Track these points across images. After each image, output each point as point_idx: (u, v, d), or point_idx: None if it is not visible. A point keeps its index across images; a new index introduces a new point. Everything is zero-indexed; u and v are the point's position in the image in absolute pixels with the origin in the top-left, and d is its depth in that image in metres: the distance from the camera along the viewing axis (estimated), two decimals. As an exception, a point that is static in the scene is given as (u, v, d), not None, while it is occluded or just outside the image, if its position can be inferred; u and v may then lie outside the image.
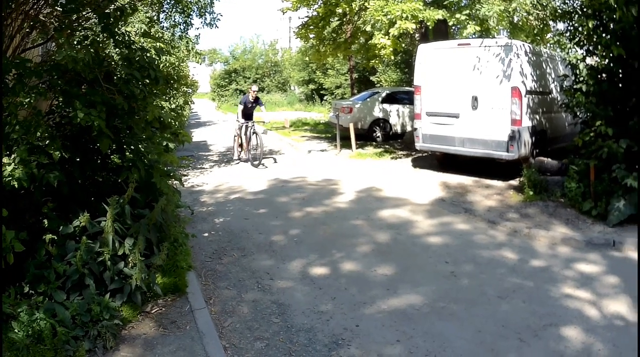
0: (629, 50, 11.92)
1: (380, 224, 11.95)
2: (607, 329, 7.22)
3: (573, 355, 6.55)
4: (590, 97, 12.76)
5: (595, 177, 12.10)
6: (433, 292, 8.30)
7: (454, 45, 16.98)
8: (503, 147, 15.26)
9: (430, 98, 16.99)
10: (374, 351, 6.50)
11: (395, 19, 17.78)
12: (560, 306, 7.89)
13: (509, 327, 7.20)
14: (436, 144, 17.01)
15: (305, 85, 61.09)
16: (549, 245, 10.66)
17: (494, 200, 13.66)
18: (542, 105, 16.43)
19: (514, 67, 15.21)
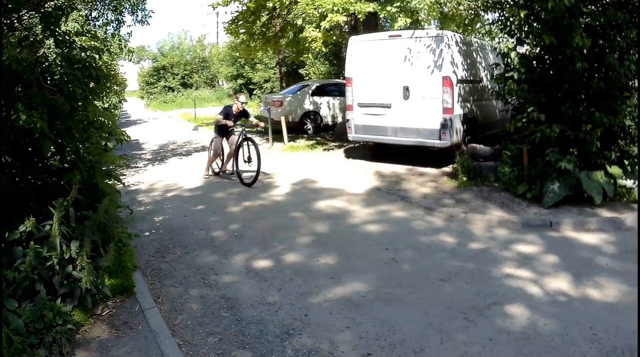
0: (560, 38, 12.22)
1: (318, 215, 12.03)
2: (550, 305, 7.46)
3: (519, 331, 6.76)
4: (522, 85, 13.06)
5: (529, 161, 12.43)
6: (377, 278, 8.42)
7: (385, 37, 17.14)
8: (435, 135, 15.53)
9: (362, 89, 17.14)
10: (325, 339, 6.58)
11: (326, 12, 17.87)
12: (502, 286, 8.11)
13: (455, 308, 7.36)
14: (369, 135, 17.16)
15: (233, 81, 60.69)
16: (486, 228, 10.91)
17: (429, 187, 13.85)
18: (473, 94, 16.76)
19: (444, 57, 15.45)
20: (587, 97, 12.56)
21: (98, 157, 8.49)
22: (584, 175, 11.60)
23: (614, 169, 11.84)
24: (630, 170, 12.04)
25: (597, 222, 10.66)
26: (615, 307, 7.38)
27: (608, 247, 9.78)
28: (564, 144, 12.14)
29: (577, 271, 8.60)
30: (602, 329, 6.75)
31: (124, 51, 20.56)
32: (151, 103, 60.39)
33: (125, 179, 15.59)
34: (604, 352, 6.22)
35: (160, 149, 23.82)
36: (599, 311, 7.29)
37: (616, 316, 7.13)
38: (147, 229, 11.32)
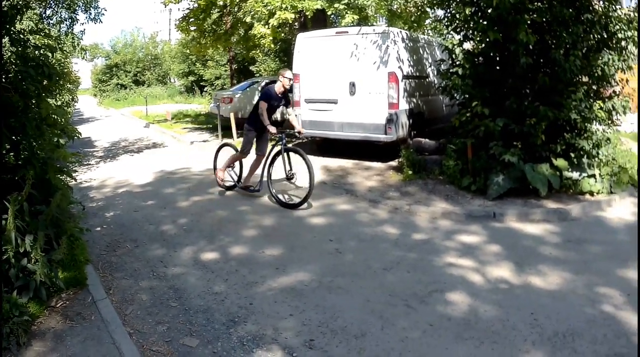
0: (505, 34, 12.36)
1: (266, 208, 12.05)
2: (491, 292, 7.54)
3: (460, 317, 6.82)
4: (467, 80, 13.16)
5: (473, 154, 12.50)
6: (320, 268, 8.47)
7: (332, 33, 17.13)
8: (381, 130, 15.59)
9: (309, 85, 17.16)
10: (270, 326, 6.63)
11: (275, 9, 17.95)
12: (444, 274, 8.18)
13: (396, 296, 7.42)
14: (316, 130, 17.13)
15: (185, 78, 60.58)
16: (430, 219, 10.96)
17: (375, 180, 13.86)
18: (419, 89, 16.87)
19: (390, 53, 15.53)
20: (532, 91, 12.69)
21: (51, 153, 8.40)
22: (528, 167, 11.69)
23: (560, 162, 11.94)
24: (577, 163, 12.18)
25: (541, 213, 10.74)
26: (557, 294, 7.47)
27: (552, 237, 9.88)
28: (509, 137, 12.28)
29: (520, 259, 8.68)
30: (543, 314, 6.83)
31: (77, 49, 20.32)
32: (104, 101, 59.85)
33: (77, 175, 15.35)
34: (545, 336, 6.29)
35: (112, 147, 23.52)
36: (541, 297, 7.37)
37: (558, 302, 7.22)
38: (98, 224, 11.19)
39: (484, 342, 6.22)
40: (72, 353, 6.03)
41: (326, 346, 6.18)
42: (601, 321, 6.69)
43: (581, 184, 11.96)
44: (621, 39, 12.67)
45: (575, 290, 7.59)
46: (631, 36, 12.59)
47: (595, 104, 12.48)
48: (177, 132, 26.82)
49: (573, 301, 7.24)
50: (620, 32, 12.55)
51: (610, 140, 13.14)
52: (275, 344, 6.24)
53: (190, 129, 27.86)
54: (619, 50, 12.83)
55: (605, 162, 12.65)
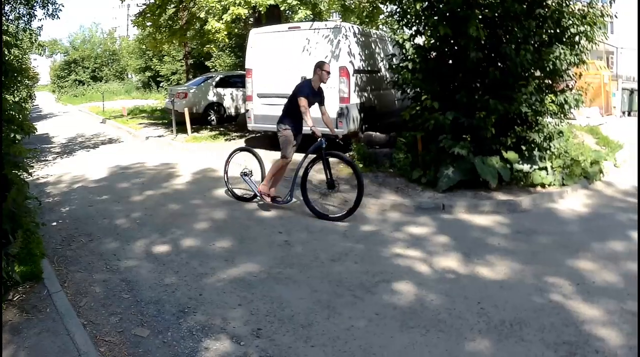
0: (456, 29, 12.38)
1: (217, 202, 12.04)
2: (438, 282, 7.56)
3: (406, 306, 6.82)
4: (417, 74, 13.20)
5: (423, 147, 12.51)
6: (269, 260, 8.49)
7: (285, 28, 17.09)
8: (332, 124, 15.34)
9: (261, 80, 17.05)
10: (218, 315, 6.66)
11: (228, 5, 17.86)
12: (391, 264, 8.19)
13: (343, 286, 7.45)
14: (268, 124, 16.93)
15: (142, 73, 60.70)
16: (379, 211, 10.98)
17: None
18: (370, 83, 16.81)
19: (342, 48, 15.50)
20: (482, 85, 12.75)
21: (7, 149, 8.24)
22: (478, 160, 11.74)
23: (510, 154, 12.00)
24: (528, 156, 12.25)
25: (491, 205, 10.77)
26: (505, 284, 7.50)
27: (501, 228, 9.94)
28: (459, 131, 12.32)
29: (468, 250, 8.73)
30: (490, 304, 6.86)
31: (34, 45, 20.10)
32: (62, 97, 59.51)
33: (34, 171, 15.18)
34: (492, 325, 6.32)
35: (69, 143, 23.29)
36: (489, 287, 7.41)
37: (506, 291, 7.25)
38: (54, 219, 11.07)
39: (430, 330, 6.20)
40: (28, 345, 5.96)
41: (273, 334, 6.20)
42: (549, 310, 6.72)
43: (532, 176, 12.01)
44: (574, 34, 12.75)
45: (524, 280, 7.62)
46: (584, 31, 12.69)
47: (547, 97, 12.55)
48: (133, 127, 26.63)
49: (521, 290, 7.27)
50: (573, 27, 12.63)
51: (562, 133, 13.23)
52: (223, 333, 6.25)
53: (145, 125, 27.69)
54: (571, 44, 12.87)
55: (557, 155, 12.75)
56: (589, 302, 6.95)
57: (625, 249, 8.92)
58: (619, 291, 7.35)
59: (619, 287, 7.46)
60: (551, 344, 5.90)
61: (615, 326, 6.35)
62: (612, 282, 7.63)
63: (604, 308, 6.79)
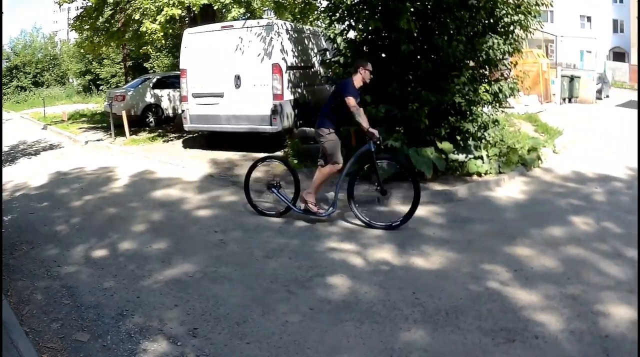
0: (388, 22, 12.36)
1: (154, 204, 11.95)
2: (373, 274, 7.55)
3: (340, 299, 6.80)
4: (349, 69, 13.03)
5: (357, 141, 12.36)
6: (205, 259, 8.48)
7: (218, 28, 17.01)
8: (267, 121, 15.52)
9: (196, 80, 16.98)
10: (156, 317, 6.67)
11: (162, 5, 17.78)
12: (325, 259, 8.18)
13: (278, 282, 7.45)
14: (203, 124, 17.01)
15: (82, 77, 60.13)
16: None
17: (261, 171, 13.57)
18: (304, 79, 16.81)
19: (274, 45, 15.48)
20: (415, 77, 12.80)
21: None
22: (412, 151, 11.76)
23: (445, 145, 12.04)
24: (463, 145, 12.30)
25: (426, 195, 10.71)
26: (440, 273, 7.51)
27: (436, 218, 9.94)
28: (393, 123, 12.36)
29: (403, 241, 8.72)
30: (425, 293, 6.86)
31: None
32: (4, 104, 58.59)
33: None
34: (427, 314, 6.33)
35: (11, 151, 22.93)
36: (424, 277, 7.40)
37: (441, 280, 7.26)
38: (-4, 228, 10.87)
39: (364, 322, 6.18)
40: (-28, 354, 5.87)
41: (209, 333, 6.21)
42: (486, 297, 6.73)
43: (468, 165, 12.04)
44: (508, 24, 12.84)
45: (460, 268, 7.62)
46: (518, 20, 12.78)
47: (481, 87, 12.60)
48: (73, 132, 26.26)
49: (457, 279, 7.27)
50: (507, 17, 12.72)
51: (498, 122, 13.31)
52: (160, 334, 6.25)
53: (85, 129, 27.34)
54: (505, 34, 12.97)
55: (493, 143, 12.85)
56: (528, 288, 6.97)
57: (564, 234, 8.99)
58: (558, 275, 7.39)
59: (558, 272, 7.49)
60: (489, 331, 5.90)
61: (555, 310, 6.37)
62: (551, 268, 7.67)
63: (543, 293, 6.82)
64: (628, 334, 5.86)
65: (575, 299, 6.65)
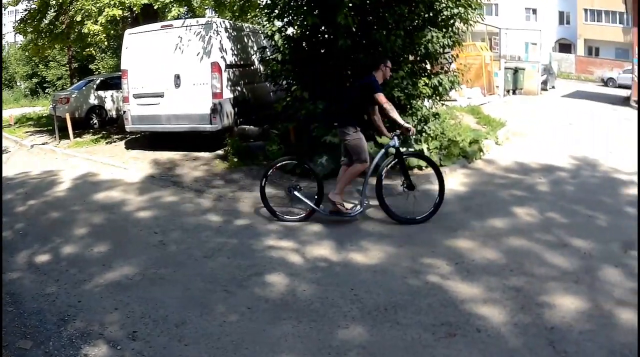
0: (325, 18, 12.37)
1: (96, 206, 11.80)
2: (311, 271, 7.53)
3: (278, 297, 6.79)
4: (287, 65, 13.18)
5: (296, 138, 12.42)
6: (144, 261, 8.42)
7: (158, 27, 16.86)
8: (206, 120, 15.48)
9: (137, 81, 16.82)
10: (96, 321, 6.57)
11: (103, 6, 17.71)
12: (264, 257, 8.16)
13: (216, 282, 7.43)
14: (145, 124, 16.89)
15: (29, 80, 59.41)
16: (253, 205, 10.89)
17: (201, 170, 13.72)
18: (243, 77, 16.77)
19: (213, 44, 15.44)
20: (354, 72, 12.77)
21: None
22: (351, 147, 11.58)
23: (384, 139, 11.91)
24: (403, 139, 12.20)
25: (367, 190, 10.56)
26: (379, 268, 7.49)
27: (376, 213, 9.88)
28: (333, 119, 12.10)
29: (341, 237, 8.73)
30: (364, 289, 6.85)
31: None
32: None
33: None
34: (365, 311, 6.31)
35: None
36: (362, 273, 7.38)
37: (380, 276, 7.25)
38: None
39: (302, 321, 6.14)
40: None
41: (148, 336, 6.15)
42: (426, 292, 6.73)
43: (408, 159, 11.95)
44: (448, 17, 12.86)
45: (399, 263, 7.60)
46: (458, 13, 12.83)
47: (421, 81, 12.62)
48: (20, 136, 25.88)
49: (396, 274, 7.25)
50: (447, 10, 12.75)
51: (439, 115, 13.36)
52: (101, 338, 6.17)
53: (31, 133, 26.94)
54: (445, 27, 13.04)
55: (433, 137, 12.87)
56: (469, 281, 6.97)
57: (506, 226, 9.04)
58: (500, 267, 7.41)
59: (500, 264, 7.52)
60: (429, 326, 5.88)
61: (498, 303, 6.39)
62: (493, 259, 7.69)
63: (485, 286, 6.83)
64: (575, 324, 5.88)
65: (518, 291, 6.67)
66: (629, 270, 7.32)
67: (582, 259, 7.68)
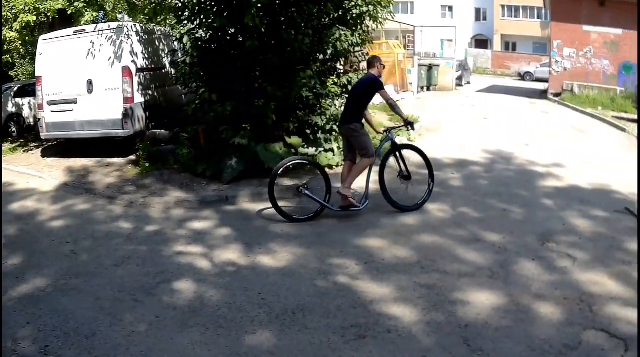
0: (233, 20, 12.40)
1: (10, 217, 11.45)
2: (218, 276, 7.49)
3: (186, 305, 6.71)
4: (196, 68, 13.15)
5: (206, 140, 12.39)
6: (56, 272, 8.19)
7: (71, 33, 16.54)
8: (119, 125, 15.31)
9: (51, 87, 16.49)
10: (9, 337, 6.31)
11: (18, 12, 17.50)
12: (172, 263, 8.06)
13: (125, 291, 7.29)
14: (59, 131, 16.60)
15: (-50, 89, 57.95)
16: (164, 210, 10.82)
17: (114, 177, 13.55)
18: (155, 81, 16.67)
19: (124, 48, 15.30)
20: (262, 73, 12.81)
21: None
22: (260, 148, 11.77)
23: (294, 139, 12.13)
24: (313, 139, 12.38)
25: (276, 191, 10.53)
26: (287, 271, 7.49)
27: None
28: (241, 120, 12.34)
29: (250, 240, 8.72)
30: (272, 293, 6.83)
31: None
32: None
33: None
34: (273, 315, 6.27)
35: None
36: (270, 276, 7.38)
37: (287, 279, 7.24)
38: None
39: (210, 328, 6.10)
40: None
41: (59, 350, 5.97)
42: (335, 293, 6.73)
43: (318, 158, 12.07)
44: (358, 15, 13.01)
45: (307, 264, 7.61)
46: (367, 11, 12.91)
47: (329, 80, 12.67)
48: None
49: (304, 276, 7.26)
50: (356, 8, 12.86)
51: (349, 114, 13.42)
52: (14, 355, 5.96)
53: (-48, 144, 26.49)
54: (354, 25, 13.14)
55: (344, 135, 12.84)
56: (379, 281, 7.00)
57: (418, 222, 9.15)
58: (411, 265, 7.46)
59: (411, 262, 7.57)
60: (338, 328, 5.88)
61: (409, 302, 6.42)
62: (404, 257, 7.73)
63: (396, 285, 6.87)
64: (490, 321, 5.95)
65: (430, 289, 6.73)
66: (547, 263, 7.50)
67: (497, 254, 7.82)
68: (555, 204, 10.46)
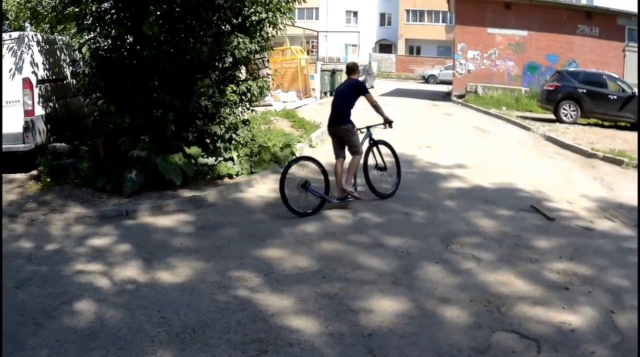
0: (131, 28, 12.33)
1: None
2: (118, 295, 7.33)
3: (86, 327, 6.53)
4: (95, 78, 12.94)
5: (105, 153, 12.26)
6: None
7: None
8: (19, 139, 14.82)
9: None
10: None
11: None
12: (72, 283, 7.85)
13: (26, 315, 7.05)
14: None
15: None
16: (64, 227, 10.55)
17: (15, 193, 13.19)
18: (57, 92, 16.27)
19: (25, 59, 14.86)
20: (160, 83, 12.79)
21: None
22: (160, 159, 11.68)
23: (193, 150, 12.08)
24: (212, 148, 12.41)
25: (175, 204, 10.73)
26: (186, 287, 7.45)
27: (185, 227, 9.92)
28: (139, 132, 12.25)
29: (149, 255, 8.61)
30: (171, 310, 6.76)
31: None
32: None
33: None
34: (173, 334, 6.19)
35: None
36: (169, 292, 7.30)
37: (187, 295, 7.18)
38: None
39: (110, 350, 5.97)
40: None
41: None
42: (235, 307, 6.74)
43: (218, 168, 12.19)
44: (257, 22, 13.09)
45: (206, 279, 7.60)
46: (266, 18, 13.07)
47: (228, 88, 12.67)
48: None
49: (203, 291, 7.24)
50: (255, 15, 12.90)
51: (248, 122, 13.46)
52: None
53: None
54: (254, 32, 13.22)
55: (244, 144, 13.08)
56: (279, 292, 7.06)
57: (318, 230, 9.29)
58: (312, 275, 7.55)
59: (312, 271, 7.66)
60: (239, 344, 5.89)
61: (311, 313, 6.47)
62: (304, 267, 7.82)
63: (296, 296, 6.93)
64: (395, 328, 6.05)
65: (332, 299, 6.81)
66: (451, 265, 7.72)
67: (400, 258, 8.00)
68: (459, 205, 10.78)
